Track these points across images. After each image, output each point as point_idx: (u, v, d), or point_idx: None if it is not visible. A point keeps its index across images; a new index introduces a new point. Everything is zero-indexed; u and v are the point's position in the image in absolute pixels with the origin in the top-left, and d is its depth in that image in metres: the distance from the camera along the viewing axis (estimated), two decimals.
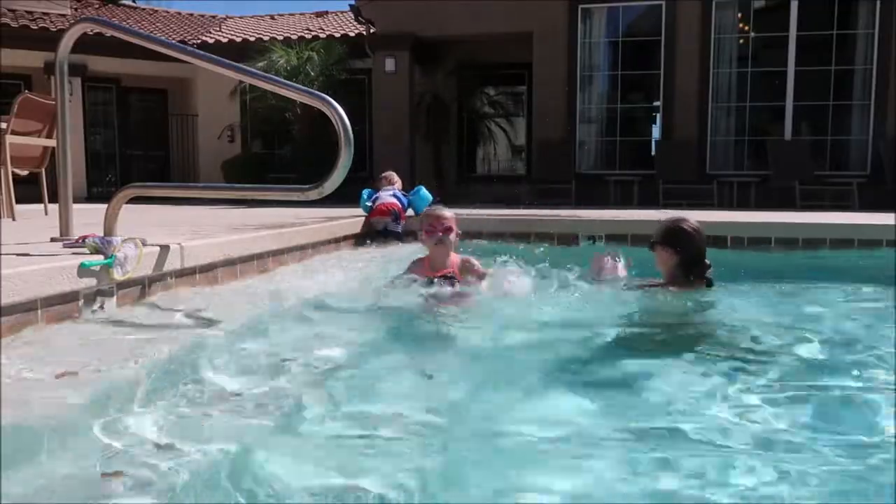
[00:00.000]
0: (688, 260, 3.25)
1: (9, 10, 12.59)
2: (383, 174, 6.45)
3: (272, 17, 16.02)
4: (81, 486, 1.31)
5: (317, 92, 2.84)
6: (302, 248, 4.42)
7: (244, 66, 3.18)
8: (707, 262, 3.28)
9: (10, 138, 5.12)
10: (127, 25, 7.77)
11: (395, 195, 5.96)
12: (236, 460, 1.42)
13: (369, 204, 5.94)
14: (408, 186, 6.42)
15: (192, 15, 15.98)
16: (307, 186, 2.68)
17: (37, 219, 5.04)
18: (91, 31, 3.44)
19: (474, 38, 11.11)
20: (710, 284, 3.30)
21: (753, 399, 1.92)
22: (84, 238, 2.78)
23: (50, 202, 4.97)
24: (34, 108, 5.40)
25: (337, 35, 13.18)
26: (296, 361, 2.15)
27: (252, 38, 13.40)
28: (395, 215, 5.76)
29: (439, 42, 11.36)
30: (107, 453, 1.42)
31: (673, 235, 3.28)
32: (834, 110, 9.94)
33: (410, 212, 5.94)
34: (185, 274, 3.09)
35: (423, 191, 6.08)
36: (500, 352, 2.58)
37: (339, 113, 2.59)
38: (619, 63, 10.60)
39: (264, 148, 13.76)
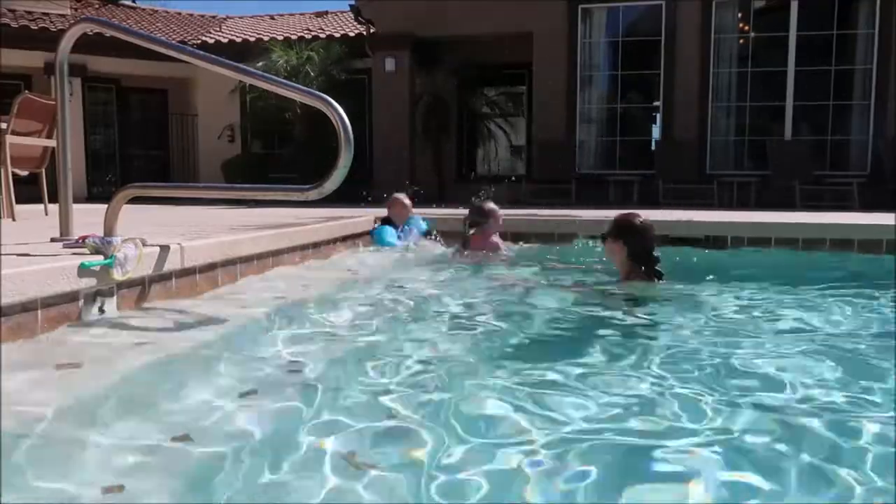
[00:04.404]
0: (637, 252, 3.42)
1: (9, 10, 12.58)
2: (402, 202, 5.73)
3: (272, 17, 16.01)
4: None
5: (317, 92, 2.84)
6: (302, 247, 4.42)
7: (244, 66, 3.17)
8: (656, 255, 3.44)
9: (10, 138, 5.11)
10: (127, 25, 7.78)
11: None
12: None
13: (398, 243, 5.42)
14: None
15: (192, 15, 15.97)
16: (307, 186, 2.68)
17: (37, 219, 5.04)
18: (91, 31, 3.43)
19: (474, 38, 11.10)
20: (660, 277, 3.45)
21: None
22: (84, 238, 2.78)
23: (50, 202, 4.96)
24: (34, 109, 5.39)
25: (337, 35, 13.17)
26: None
27: (252, 38, 13.39)
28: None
29: (439, 42, 11.35)
30: None
31: (622, 229, 3.46)
32: (834, 110, 9.94)
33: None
34: (185, 274, 3.10)
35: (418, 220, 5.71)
36: None
37: (339, 113, 2.59)
38: (619, 63, 10.59)
39: (264, 148, 13.75)
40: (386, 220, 5.65)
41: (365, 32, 11.94)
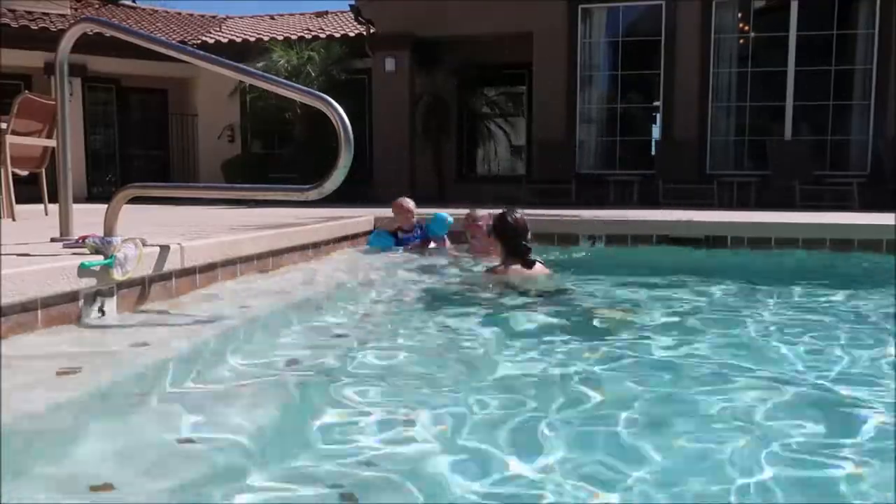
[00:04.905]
0: (509, 243, 3.96)
1: (9, 10, 12.57)
2: (401, 205, 5.62)
3: (272, 17, 16.00)
4: None
5: (317, 92, 2.84)
6: (303, 247, 4.43)
7: (244, 66, 3.18)
8: (527, 246, 3.96)
9: (10, 138, 5.11)
10: (127, 25, 7.77)
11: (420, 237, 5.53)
12: None
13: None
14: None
15: (192, 15, 15.96)
16: (307, 186, 2.68)
17: (37, 219, 5.04)
18: (91, 31, 3.43)
19: (474, 38, 11.10)
20: (530, 265, 3.96)
21: None
22: (84, 238, 2.78)
23: (50, 202, 4.96)
24: (34, 109, 5.39)
25: (337, 35, 13.16)
26: None
27: (252, 38, 13.38)
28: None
29: (439, 42, 11.34)
30: None
31: (497, 225, 4.05)
32: (834, 110, 9.93)
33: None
34: (185, 274, 3.10)
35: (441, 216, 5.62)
36: None
37: (339, 113, 2.59)
38: (619, 63, 10.59)
39: (264, 148, 13.75)
40: (398, 228, 5.58)
41: (365, 32, 11.93)
